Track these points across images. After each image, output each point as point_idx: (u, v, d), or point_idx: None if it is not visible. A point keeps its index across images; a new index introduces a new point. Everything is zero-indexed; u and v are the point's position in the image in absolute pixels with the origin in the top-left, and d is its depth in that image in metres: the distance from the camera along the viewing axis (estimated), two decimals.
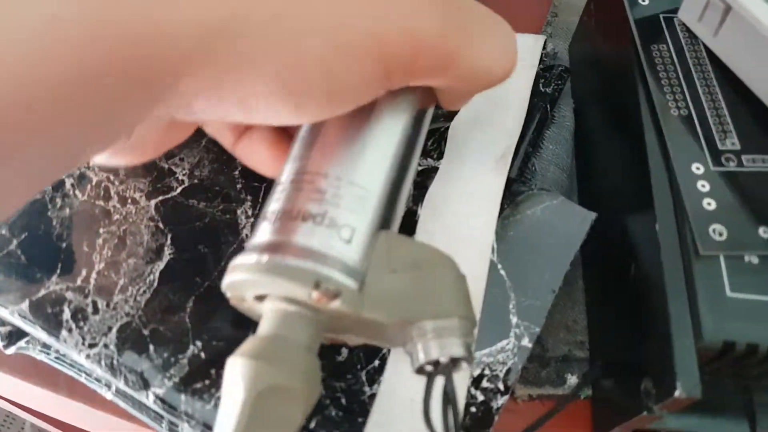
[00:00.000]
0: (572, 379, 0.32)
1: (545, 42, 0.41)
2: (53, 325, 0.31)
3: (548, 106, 0.39)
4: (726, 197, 0.27)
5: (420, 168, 0.35)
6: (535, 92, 0.38)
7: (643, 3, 0.34)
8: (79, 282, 0.32)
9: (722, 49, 0.31)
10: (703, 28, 0.32)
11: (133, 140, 0.22)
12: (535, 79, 0.38)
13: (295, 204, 0.20)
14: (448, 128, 0.36)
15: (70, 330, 0.31)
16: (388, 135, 0.21)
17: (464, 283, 0.20)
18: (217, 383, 0.29)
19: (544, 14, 0.46)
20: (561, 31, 0.45)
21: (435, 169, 0.34)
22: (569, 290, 0.34)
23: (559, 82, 0.40)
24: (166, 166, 0.36)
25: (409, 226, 0.32)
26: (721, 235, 0.26)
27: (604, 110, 0.37)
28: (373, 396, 0.28)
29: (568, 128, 0.39)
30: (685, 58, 0.32)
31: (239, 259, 0.20)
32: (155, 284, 0.32)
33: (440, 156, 0.35)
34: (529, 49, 0.40)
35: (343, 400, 0.28)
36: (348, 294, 0.18)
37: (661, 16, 0.33)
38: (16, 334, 0.34)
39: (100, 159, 0.23)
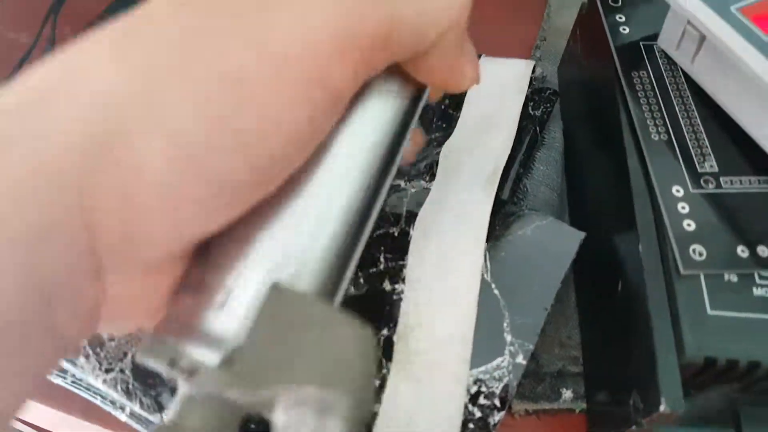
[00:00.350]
0: (567, 394, 0.33)
1: (534, 66, 0.43)
2: None
3: (538, 128, 0.41)
4: (705, 218, 0.29)
5: (413, 190, 0.37)
6: (524, 115, 0.40)
7: (624, 31, 0.35)
8: None
9: (699, 74, 0.33)
10: (681, 55, 0.33)
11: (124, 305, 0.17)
12: (524, 103, 0.40)
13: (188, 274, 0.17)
14: (439, 152, 0.38)
15: (87, 356, 0.33)
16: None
17: (369, 354, 0.16)
18: None
19: (533, 38, 0.48)
20: (550, 55, 0.47)
21: (427, 192, 0.36)
22: (562, 307, 0.35)
23: (548, 105, 0.41)
24: None
25: (401, 247, 0.33)
26: (701, 254, 0.28)
27: (590, 132, 0.38)
28: (375, 414, 0.30)
29: (557, 149, 0.41)
30: (665, 84, 0.33)
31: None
32: None
33: (432, 178, 0.37)
34: (519, 74, 0.42)
35: None
36: (207, 370, 0.15)
37: (641, 43, 0.35)
38: None
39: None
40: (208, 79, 0.15)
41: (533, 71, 0.42)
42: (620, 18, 0.36)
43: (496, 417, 0.29)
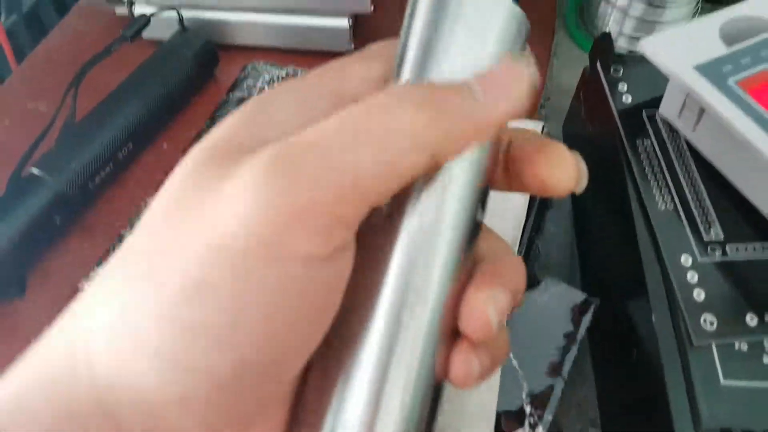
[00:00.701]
0: None
1: (543, 126, 0.44)
2: None
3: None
4: (714, 287, 0.30)
5: None
6: None
7: (626, 100, 0.37)
8: None
9: (701, 144, 0.34)
10: (683, 125, 0.35)
11: None
12: None
13: None
14: None
15: None
16: None
17: None
18: None
19: (538, 98, 0.50)
20: (555, 113, 0.48)
21: None
22: (578, 369, 0.36)
23: None
24: None
25: None
26: (711, 324, 0.29)
27: (598, 194, 0.40)
28: None
29: (566, 209, 0.42)
30: (668, 151, 0.35)
31: None
32: None
33: None
34: None
35: None
36: None
37: (643, 111, 0.36)
38: None
39: None
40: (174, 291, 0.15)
41: (542, 131, 0.44)
42: (622, 87, 0.37)
43: None
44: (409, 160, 0.16)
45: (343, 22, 0.50)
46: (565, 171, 0.19)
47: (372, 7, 0.50)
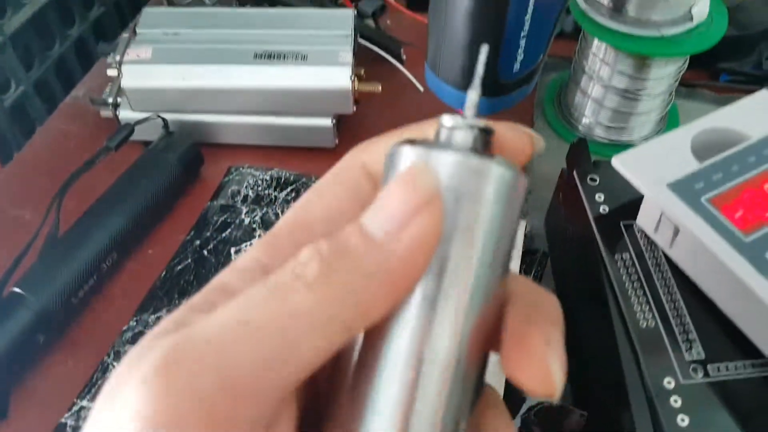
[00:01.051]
0: None
1: (525, 225, 0.45)
2: None
3: None
4: (697, 411, 0.30)
5: None
6: None
7: (604, 211, 0.37)
8: None
9: (679, 259, 0.35)
10: (660, 239, 0.35)
11: None
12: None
13: None
14: None
15: None
16: None
17: None
18: None
19: None
20: (536, 206, 0.49)
21: None
22: None
23: (540, 267, 0.43)
24: None
25: None
26: None
27: (581, 301, 0.40)
28: None
29: None
30: (646, 263, 0.35)
31: None
32: None
33: None
34: None
35: None
36: None
37: (621, 223, 0.37)
38: None
39: None
40: None
41: (524, 229, 0.44)
42: (599, 196, 0.38)
43: None
44: (311, 345, 0.15)
45: (327, 122, 0.51)
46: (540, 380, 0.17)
47: (354, 108, 0.51)
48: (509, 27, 0.36)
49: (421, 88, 0.56)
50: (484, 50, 0.19)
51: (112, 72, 0.51)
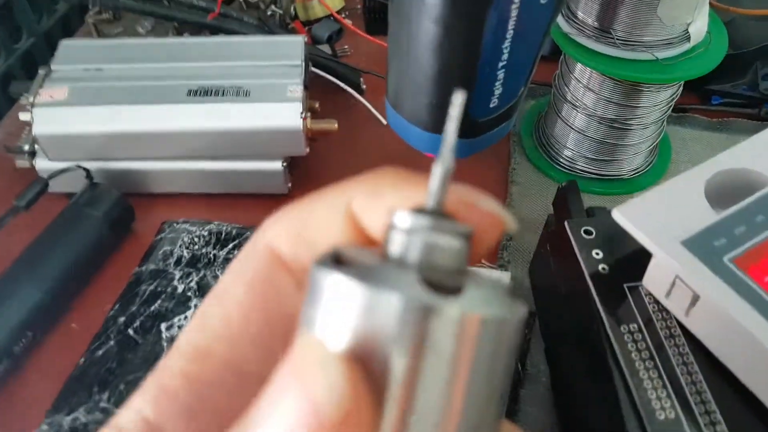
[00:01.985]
0: None
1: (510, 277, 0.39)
2: None
3: (518, 361, 0.36)
4: None
5: None
6: None
7: (603, 271, 0.32)
8: None
9: (697, 330, 0.29)
10: (673, 305, 0.30)
11: None
12: None
13: None
14: None
15: None
16: None
17: None
18: None
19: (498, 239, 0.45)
20: (518, 253, 0.43)
21: None
22: None
23: (527, 330, 0.37)
24: None
25: None
26: None
27: (578, 371, 0.34)
28: None
29: (544, 383, 0.37)
30: (657, 333, 0.30)
31: None
32: None
33: None
34: None
35: None
36: None
37: (625, 286, 0.31)
38: None
39: None
40: None
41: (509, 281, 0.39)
42: (597, 254, 0.32)
43: None
44: None
45: (277, 165, 0.45)
46: None
47: (308, 148, 0.44)
48: (485, 56, 0.31)
49: (384, 122, 0.50)
50: (458, 99, 0.13)
51: (25, 116, 0.44)
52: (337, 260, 0.12)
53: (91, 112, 0.41)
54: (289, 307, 0.15)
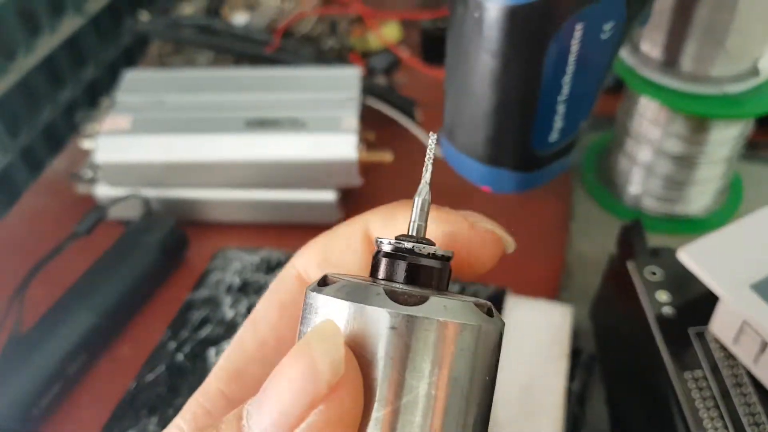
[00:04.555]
0: None
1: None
2: None
3: (577, 406, 0.36)
4: None
5: None
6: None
7: (667, 313, 0.31)
8: None
9: (766, 377, 0.28)
10: (741, 352, 0.29)
11: None
12: None
13: None
14: None
15: None
16: None
17: None
18: None
19: (558, 267, 0.44)
20: (579, 292, 0.43)
21: None
22: None
23: (587, 374, 0.37)
24: None
25: None
26: None
27: (639, 417, 0.34)
28: None
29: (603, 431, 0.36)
30: (723, 381, 0.29)
31: None
32: None
33: None
34: (556, 328, 0.38)
35: None
36: None
37: (689, 330, 0.31)
38: None
39: None
40: None
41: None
42: (661, 295, 0.32)
43: None
44: None
45: (330, 196, 0.46)
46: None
47: (362, 179, 0.46)
48: (544, 90, 0.31)
49: (440, 153, 0.51)
50: (432, 138, 0.16)
51: (89, 144, 0.47)
52: (324, 283, 0.15)
53: (153, 141, 0.44)
54: None
